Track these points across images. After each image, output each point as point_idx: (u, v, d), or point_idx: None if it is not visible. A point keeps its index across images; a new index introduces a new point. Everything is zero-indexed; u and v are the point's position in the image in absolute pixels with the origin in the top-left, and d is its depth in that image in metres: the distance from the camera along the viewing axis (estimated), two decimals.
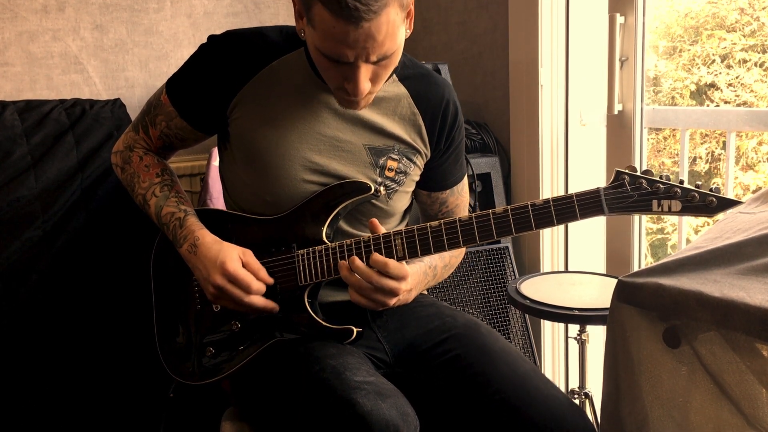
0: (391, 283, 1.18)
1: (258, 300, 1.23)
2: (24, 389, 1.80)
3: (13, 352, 1.79)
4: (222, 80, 1.27)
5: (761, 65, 2.85)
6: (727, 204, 1.07)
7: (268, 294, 1.25)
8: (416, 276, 1.27)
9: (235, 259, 1.22)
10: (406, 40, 1.18)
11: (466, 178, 1.45)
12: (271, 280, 1.25)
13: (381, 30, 1.08)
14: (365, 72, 1.13)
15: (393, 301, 1.21)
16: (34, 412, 1.81)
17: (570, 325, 2.04)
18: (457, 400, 1.22)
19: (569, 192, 1.15)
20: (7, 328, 1.78)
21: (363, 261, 1.20)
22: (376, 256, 1.19)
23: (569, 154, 2.08)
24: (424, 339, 1.31)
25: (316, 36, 1.11)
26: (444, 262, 1.38)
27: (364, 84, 1.14)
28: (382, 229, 1.22)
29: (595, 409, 1.72)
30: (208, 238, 1.27)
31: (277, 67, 1.26)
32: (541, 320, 2.11)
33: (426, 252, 1.20)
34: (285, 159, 1.27)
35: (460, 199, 1.43)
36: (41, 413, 1.82)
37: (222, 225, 1.32)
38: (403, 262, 1.21)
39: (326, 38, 1.10)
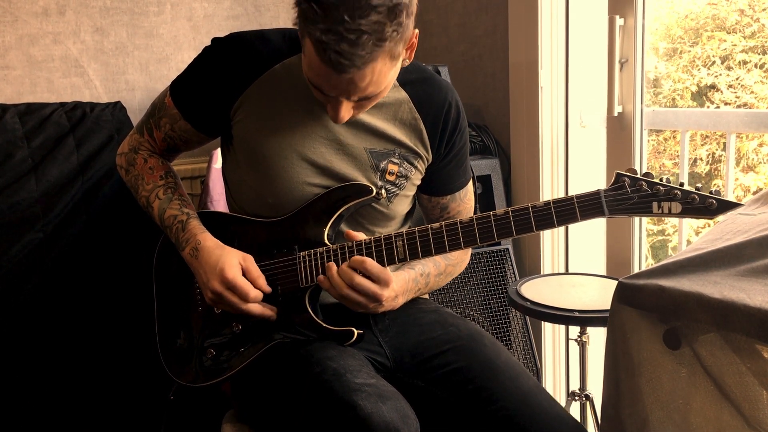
0: (371, 286, 1.18)
1: (255, 308, 1.23)
2: (25, 391, 1.80)
3: (14, 354, 1.79)
4: (225, 82, 1.28)
5: (761, 67, 2.85)
6: (727, 206, 1.07)
7: (269, 295, 1.25)
8: (402, 283, 1.27)
9: (235, 266, 1.22)
10: None
11: (470, 185, 1.44)
12: (268, 289, 1.25)
13: (365, 79, 1.09)
14: (347, 105, 1.15)
15: (372, 306, 1.21)
16: (34, 414, 1.81)
17: (570, 327, 2.04)
18: (459, 412, 1.22)
19: (569, 194, 1.15)
20: (7, 330, 1.79)
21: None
22: (355, 257, 1.19)
23: (569, 155, 2.08)
24: (426, 347, 1.30)
25: (305, 61, 1.13)
26: (439, 270, 1.37)
27: (344, 114, 1.16)
28: (360, 237, 1.22)
29: (595, 410, 1.72)
30: (209, 243, 1.27)
31: (280, 71, 1.27)
32: (542, 322, 2.11)
33: (427, 253, 1.21)
34: (287, 161, 1.27)
35: (462, 205, 1.42)
36: (42, 415, 1.82)
37: (224, 227, 1.32)
38: (388, 269, 1.21)
39: (311, 71, 1.12)
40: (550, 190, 2.09)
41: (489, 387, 1.21)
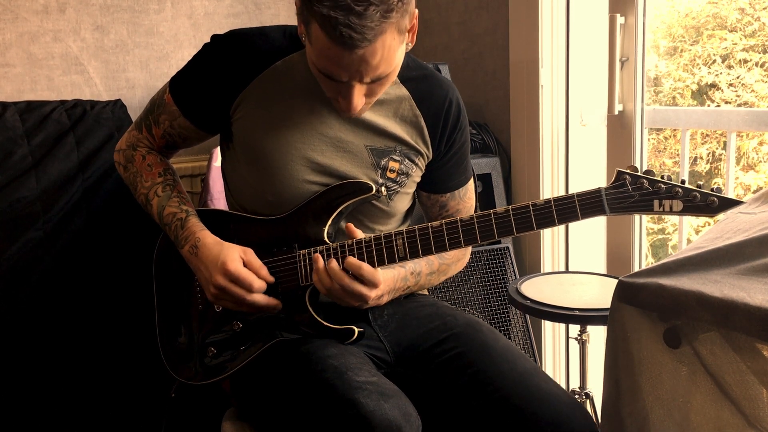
0: (362, 289, 1.19)
1: (260, 298, 1.23)
2: (25, 389, 1.81)
3: (14, 352, 1.79)
4: (225, 80, 1.27)
5: (762, 65, 2.85)
6: (729, 204, 1.07)
7: (270, 294, 1.25)
8: (390, 282, 1.27)
9: (236, 259, 1.22)
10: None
11: (471, 184, 1.44)
12: (272, 279, 1.25)
13: (376, 55, 1.08)
14: (359, 91, 1.14)
15: (357, 304, 1.22)
16: (35, 412, 1.81)
17: (571, 326, 2.04)
18: (459, 398, 1.22)
19: (570, 192, 1.15)
20: (8, 328, 1.79)
21: (364, 262, 1.20)
22: (351, 260, 1.19)
23: (570, 154, 2.08)
24: (425, 338, 1.31)
25: (312, 51, 1.13)
26: (431, 269, 1.37)
27: (357, 101, 1.15)
28: (359, 234, 1.22)
29: (595, 409, 1.72)
30: (209, 239, 1.27)
31: (280, 68, 1.27)
32: (542, 320, 2.11)
33: (427, 251, 1.21)
34: (287, 159, 1.27)
35: (462, 204, 1.42)
36: (42, 413, 1.82)
37: (224, 225, 1.32)
38: (378, 269, 1.21)
39: (321, 56, 1.11)
40: (550, 188, 2.09)
41: (486, 370, 1.22)
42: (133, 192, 1.39)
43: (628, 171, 1.11)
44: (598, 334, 1.86)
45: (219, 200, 1.90)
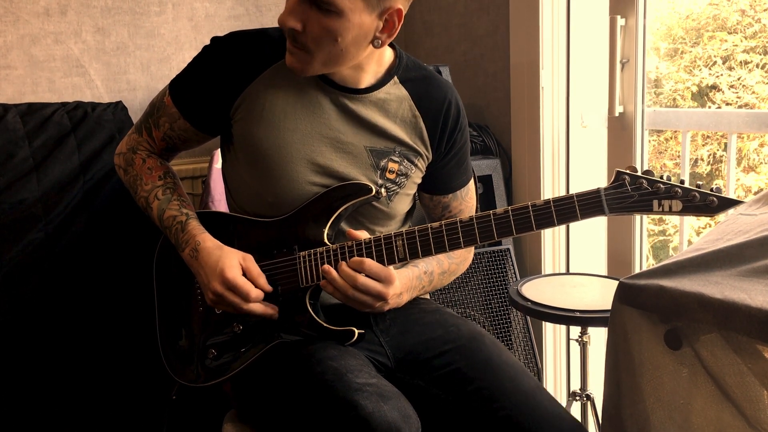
0: (376, 285, 1.19)
1: (256, 307, 1.23)
2: (26, 390, 1.81)
3: (15, 353, 1.79)
4: (225, 81, 1.27)
5: (763, 67, 2.85)
6: (728, 203, 1.07)
7: (270, 295, 1.25)
8: (406, 280, 1.27)
9: (235, 267, 1.22)
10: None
11: (472, 183, 1.44)
12: (269, 288, 1.25)
13: None
14: (298, 4, 1.13)
15: (378, 304, 1.22)
16: (35, 413, 1.81)
17: (571, 327, 2.04)
18: (459, 412, 1.22)
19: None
20: (9, 329, 1.79)
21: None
22: (354, 258, 1.20)
23: (570, 156, 2.08)
24: (427, 347, 1.30)
25: None
26: (442, 269, 1.37)
27: (289, 14, 1.14)
28: (362, 236, 1.22)
29: (596, 410, 1.72)
30: (209, 243, 1.27)
31: (281, 69, 1.27)
32: (543, 322, 2.10)
33: (427, 253, 1.21)
34: (287, 160, 1.27)
35: (464, 204, 1.42)
36: (43, 414, 1.82)
37: (224, 227, 1.32)
38: (391, 267, 1.21)
39: None
40: (551, 190, 2.09)
41: (489, 387, 1.21)
42: (133, 195, 1.39)
43: (628, 171, 1.11)
44: (598, 336, 1.86)
45: (220, 202, 1.90)
